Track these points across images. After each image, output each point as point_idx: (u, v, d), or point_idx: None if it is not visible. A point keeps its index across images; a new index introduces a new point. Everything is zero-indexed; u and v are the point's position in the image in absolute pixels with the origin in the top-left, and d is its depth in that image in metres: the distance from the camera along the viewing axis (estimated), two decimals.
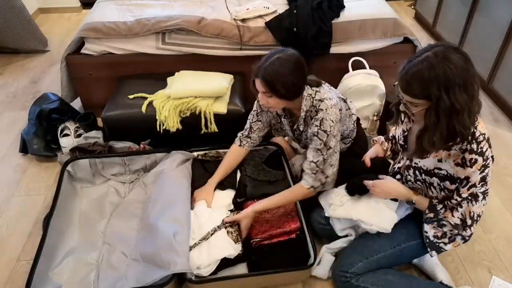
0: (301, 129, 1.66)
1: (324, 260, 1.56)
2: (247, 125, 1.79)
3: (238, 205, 1.77)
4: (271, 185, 1.83)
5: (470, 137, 1.20)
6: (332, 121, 1.51)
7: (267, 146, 1.99)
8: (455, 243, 1.43)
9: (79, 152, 2.00)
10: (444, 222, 1.37)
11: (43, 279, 1.47)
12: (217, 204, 1.74)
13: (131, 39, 2.25)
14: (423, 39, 3.43)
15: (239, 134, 1.83)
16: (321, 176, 1.56)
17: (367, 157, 1.63)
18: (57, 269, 1.55)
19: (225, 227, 1.59)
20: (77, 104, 2.51)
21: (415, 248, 1.47)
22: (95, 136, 2.12)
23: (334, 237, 1.67)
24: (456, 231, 1.37)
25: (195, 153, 1.94)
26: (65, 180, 1.81)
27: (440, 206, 1.36)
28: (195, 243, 1.53)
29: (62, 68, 2.31)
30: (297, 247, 1.59)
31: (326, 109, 1.51)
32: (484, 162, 1.21)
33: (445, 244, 1.43)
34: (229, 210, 1.72)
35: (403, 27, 2.33)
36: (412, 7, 4.02)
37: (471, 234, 1.36)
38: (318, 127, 1.51)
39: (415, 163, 1.38)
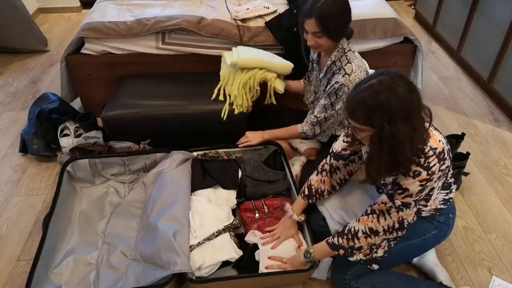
0: (321, 76, 1.73)
1: (322, 262, 1.56)
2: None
3: (237, 205, 1.77)
4: (271, 185, 1.83)
5: (419, 152, 1.20)
6: (348, 88, 1.57)
7: (267, 146, 1.99)
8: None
9: (79, 152, 1.99)
10: (357, 247, 1.38)
11: (43, 279, 1.47)
12: (220, 202, 1.74)
13: (131, 39, 2.25)
14: (423, 39, 3.43)
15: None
16: (317, 128, 1.71)
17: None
18: (57, 269, 1.55)
19: (229, 230, 1.59)
20: (77, 104, 2.51)
21: (414, 247, 1.46)
22: (95, 136, 2.12)
23: None
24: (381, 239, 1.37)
25: (195, 153, 1.94)
26: (65, 180, 1.81)
27: (336, 238, 1.39)
28: (199, 242, 1.52)
29: (62, 68, 2.31)
30: None
31: (349, 74, 1.57)
32: (428, 177, 1.20)
33: (376, 252, 1.43)
34: (231, 209, 1.72)
35: (403, 27, 2.33)
36: (412, 7, 4.02)
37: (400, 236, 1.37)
38: (335, 89, 1.58)
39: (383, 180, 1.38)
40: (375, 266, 1.44)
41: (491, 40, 2.64)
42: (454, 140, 2.04)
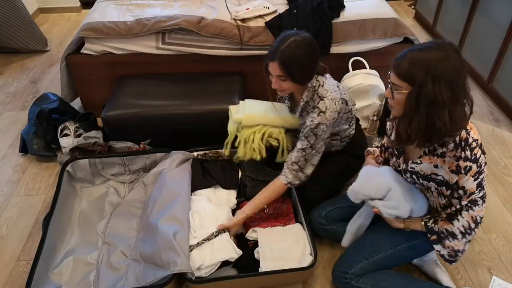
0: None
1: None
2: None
3: (237, 205, 1.77)
4: None
5: (463, 143, 1.19)
6: (327, 126, 1.51)
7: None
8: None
9: (79, 152, 2.00)
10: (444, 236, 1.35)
11: (43, 279, 1.47)
12: (220, 202, 1.74)
13: (131, 39, 2.25)
14: (423, 39, 3.43)
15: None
16: (300, 174, 1.58)
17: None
18: (57, 269, 1.55)
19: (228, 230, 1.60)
20: (77, 104, 2.51)
21: (416, 248, 1.46)
22: (95, 136, 2.12)
23: (334, 237, 1.67)
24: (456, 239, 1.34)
25: (195, 153, 1.94)
26: (65, 180, 1.81)
27: (437, 226, 1.36)
28: (198, 243, 1.53)
29: (62, 68, 2.31)
30: None
31: (324, 112, 1.50)
32: (478, 169, 1.20)
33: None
34: (231, 209, 1.73)
35: (403, 27, 2.33)
36: (412, 7, 4.02)
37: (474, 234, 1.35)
38: (311, 129, 1.52)
39: (411, 167, 1.37)
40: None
41: (491, 40, 2.64)
42: None
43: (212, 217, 1.63)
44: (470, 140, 1.19)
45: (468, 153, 1.18)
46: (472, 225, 1.30)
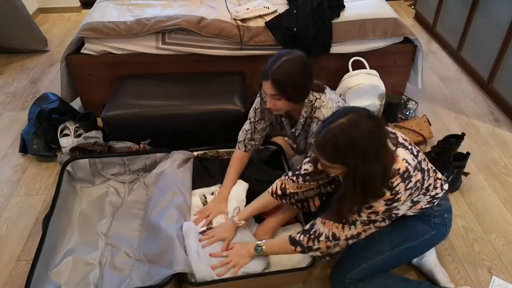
0: (298, 133, 1.67)
1: None
2: (249, 127, 1.73)
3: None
4: (270, 185, 1.83)
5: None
6: None
7: (267, 146, 1.99)
8: None
9: (79, 152, 2.00)
10: (315, 248, 1.36)
11: (42, 278, 1.47)
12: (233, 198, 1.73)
13: (131, 39, 2.25)
14: (423, 39, 3.43)
15: (240, 139, 1.76)
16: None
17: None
18: (57, 269, 1.55)
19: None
20: (77, 104, 2.51)
21: (413, 249, 1.46)
22: (95, 136, 2.12)
23: None
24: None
25: (195, 153, 1.94)
26: (65, 180, 1.81)
27: (299, 236, 1.38)
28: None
29: (62, 68, 2.31)
30: None
31: (321, 120, 1.51)
32: (392, 196, 1.20)
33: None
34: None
35: (403, 27, 2.33)
36: (412, 7, 4.02)
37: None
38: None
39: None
40: (328, 258, 1.42)
41: (491, 40, 2.64)
42: (454, 140, 2.04)
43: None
44: (392, 170, 1.19)
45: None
46: (361, 236, 1.31)
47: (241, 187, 1.75)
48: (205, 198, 1.76)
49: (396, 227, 1.46)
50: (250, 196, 1.76)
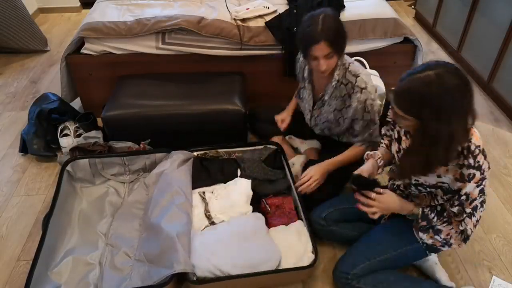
0: (326, 98, 1.66)
1: None
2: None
3: (258, 200, 1.78)
4: (271, 185, 1.83)
5: (466, 151, 1.18)
6: (372, 99, 1.57)
7: (267, 146, 1.99)
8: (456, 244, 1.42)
9: (79, 152, 2.00)
10: (439, 228, 1.36)
11: (42, 278, 1.47)
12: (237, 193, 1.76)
13: (131, 39, 2.25)
14: (423, 39, 3.43)
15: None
16: (369, 138, 1.67)
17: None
18: (57, 269, 1.55)
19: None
20: (77, 104, 2.51)
21: (418, 251, 1.46)
22: (95, 136, 2.12)
23: (334, 238, 1.67)
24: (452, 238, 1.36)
25: (195, 153, 1.94)
26: (65, 180, 1.81)
27: (432, 215, 1.36)
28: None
29: (62, 68, 2.31)
30: None
31: (366, 88, 1.55)
32: (481, 176, 1.19)
33: (443, 246, 1.42)
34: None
35: (403, 27, 2.33)
36: (412, 7, 4.02)
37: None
38: (364, 109, 1.57)
39: (415, 180, 1.36)
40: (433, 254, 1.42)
41: (491, 40, 2.64)
42: None
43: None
44: (473, 147, 1.18)
45: (471, 160, 1.18)
46: (471, 231, 1.31)
47: (246, 183, 1.78)
48: (204, 194, 1.76)
49: (402, 228, 1.47)
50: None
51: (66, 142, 2.19)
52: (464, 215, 1.28)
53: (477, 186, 1.21)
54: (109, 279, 1.53)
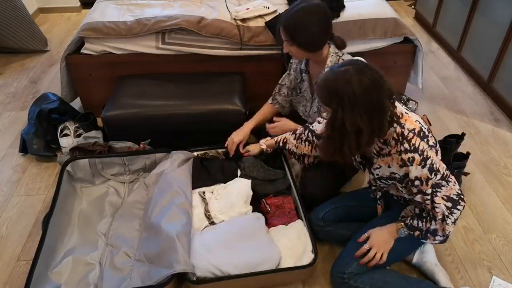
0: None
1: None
2: (279, 82, 1.87)
3: (258, 199, 1.79)
4: (271, 185, 1.83)
5: (400, 137, 1.24)
6: None
7: None
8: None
9: (79, 152, 1.99)
10: (433, 228, 1.37)
11: (42, 278, 1.47)
12: (236, 195, 1.75)
13: (131, 39, 2.25)
14: (423, 39, 3.43)
15: (273, 93, 1.93)
16: None
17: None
18: (57, 269, 1.55)
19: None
20: (77, 104, 2.51)
21: (410, 242, 1.48)
22: (95, 136, 2.12)
23: (333, 238, 1.67)
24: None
25: (195, 153, 1.94)
26: (65, 180, 1.81)
27: (415, 221, 1.39)
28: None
29: (62, 68, 2.31)
30: None
31: None
32: (421, 157, 1.23)
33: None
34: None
35: (403, 27, 2.33)
36: (412, 7, 4.02)
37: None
38: None
39: (376, 174, 1.41)
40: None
41: (491, 40, 2.64)
42: (454, 140, 2.03)
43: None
44: (406, 132, 1.24)
45: (406, 145, 1.23)
46: (449, 204, 1.33)
47: (246, 183, 1.78)
48: (204, 194, 1.76)
49: (391, 221, 1.47)
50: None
51: (66, 142, 2.19)
52: (429, 197, 1.31)
53: (422, 167, 1.25)
54: (109, 279, 1.53)
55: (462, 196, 1.37)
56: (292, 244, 1.58)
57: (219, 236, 1.57)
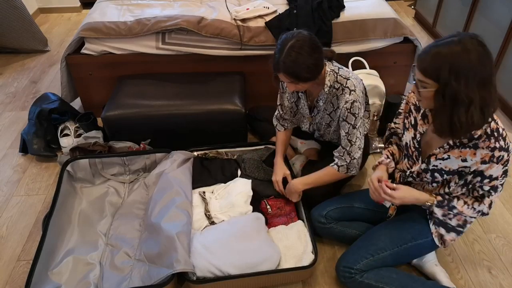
0: (321, 104, 1.67)
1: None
2: (278, 110, 1.83)
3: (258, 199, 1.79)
4: (271, 185, 1.83)
5: (496, 134, 1.21)
6: (360, 102, 1.56)
7: (267, 146, 1.99)
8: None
9: (79, 152, 2.00)
10: (453, 205, 1.37)
11: (42, 278, 1.47)
12: (236, 196, 1.75)
13: (131, 39, 2.25)
14: (423, 39, 3.43)
15: (275, 123, 1.87)
16: (347, 157, 1.61)
17: (375, 181, 1.45)
18: (57, 269, 1.55)
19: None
20: (77, 104, 2.51)
21: (422, 247, 1.47)
22: (95, 136, 2.12)
23: (333, 236, 1.67)
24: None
25: (195, 153, 1.94)
26: (65, 180, 1.81)
27: (454, 201, 1.37)
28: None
29: (62, 68, 2.32)
30: None
31: (354, 90, 1.55)
32: (508, 157, 1.23)
33: (450, 219, 1.42)
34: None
35: (403, 27, 2.33)
36: (412, 7, 4.02)
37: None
38: (348, 110, 1.55)
39: (433, 165, 1.36)
40: (442, 231, 1.44)
41: (491, 40, 2.64)
42: None
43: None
44: (501, 129, 1.21)
45: (502, 143, 1.21)
46: (487, 210, 1.35)
47: (246, 183, 1.78)
48: (204, 194, 1.77)
49: (406, 224, 1.48)
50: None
51: (66, 142, 2.19)
52: (481, 193, 1.31)
53: (503, 167, 1.25)
54: (109, 279, 1.53)
55: (492, 207, 1.37)
56: (292, 244, 1.58)
57: (219, 236, 1.57)
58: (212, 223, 1.66)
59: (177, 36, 2.25)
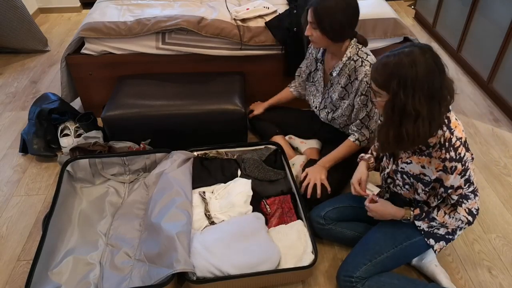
0: (334, 74, 1.69)
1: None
2: (297, 72, 2.00)
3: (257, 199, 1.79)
4: (271, 185, 1.83)
5: (447, 144, 1.21)
6: None
7: (267, 146, 1.99)
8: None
9: (79, 152, 2.00)
10: (433, 216, 1.39)
11: (42, 278, 1.47)
12: (236, 196, 1.75)
13: (131, 39, 2.25)
14: (423, 39, 3.43)
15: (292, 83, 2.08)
16: (365, 131, 1.65)
17: (356, 184, 1.54)
18: (57, 269, 1.55)
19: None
20: (77, 104, 2.51)
21: (417, 245, 1.47)
22: (95, 136, 2.12)
23: (333, 237, 1.67)
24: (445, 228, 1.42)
25: (195, 153, 1.94)
26: (65, 180, 1.81)
27: (434, 213, 1.39)
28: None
29: (62, 68, 2.32)
30: None
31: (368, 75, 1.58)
32: (463, 167, 1.23)
33: (438, 229, 1.45)
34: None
35: (403, 27, 2.33)
36: (412, 7, 4.02)
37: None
38: (367, 82, 1.57)
39: (401, 167, 1.39)
40: (436, 245, 1.46)
41: (491, 40, 2.64)
42: None
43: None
44: (454, 140, 1.21)
45: (452, 153, 1.21)
46: (470, 218, 1.36)
47: (246, 183, 1.78)
48: (204, 194, 1.76)
49: (399, 224, 1.48)
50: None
51: (66, 142, 2.19)
52: (452, 202, 1.33)
53: (461, 177, 1.26)
54: (109, 279, 1.53)
55: (477, 213, 1.38)
56: (292, 244, 1.58)
57: (219, 236, 1.57)
58: (212, 223, 1.66)
59: (177, 36, 2.25)
